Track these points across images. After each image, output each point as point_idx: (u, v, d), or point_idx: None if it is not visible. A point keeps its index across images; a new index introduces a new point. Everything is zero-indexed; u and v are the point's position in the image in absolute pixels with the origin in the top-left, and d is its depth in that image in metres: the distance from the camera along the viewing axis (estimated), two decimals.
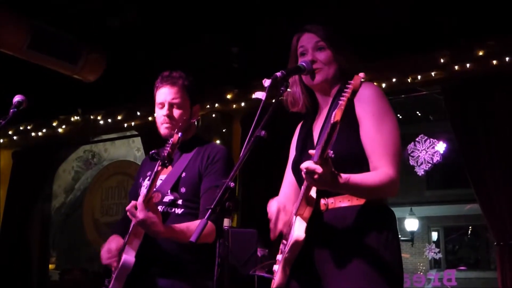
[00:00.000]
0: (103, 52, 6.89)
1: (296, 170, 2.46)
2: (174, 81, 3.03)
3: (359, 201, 2.28)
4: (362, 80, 1.90)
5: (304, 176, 2.06)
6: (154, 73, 3.19)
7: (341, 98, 1.89)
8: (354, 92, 1.88)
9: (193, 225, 2.73)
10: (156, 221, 2.63)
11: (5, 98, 3.55)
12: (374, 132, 2.28)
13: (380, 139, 2.26)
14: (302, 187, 2.23)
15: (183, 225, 2.75)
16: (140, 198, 2.63)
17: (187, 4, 5.92)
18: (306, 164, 2.01)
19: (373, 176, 2.20)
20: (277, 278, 2.37)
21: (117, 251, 2.86)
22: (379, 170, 2.22)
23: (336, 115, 1.87)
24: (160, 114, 3.03)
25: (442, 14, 5.49)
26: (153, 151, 2.58)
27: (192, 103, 3.07)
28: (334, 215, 2.30)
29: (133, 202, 2.66)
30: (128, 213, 2.66)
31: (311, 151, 2.04)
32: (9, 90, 3.85)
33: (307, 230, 2.22)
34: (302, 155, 2.46)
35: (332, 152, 1.97)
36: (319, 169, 1.98)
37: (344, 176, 2.08)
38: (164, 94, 3.02)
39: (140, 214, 2.60)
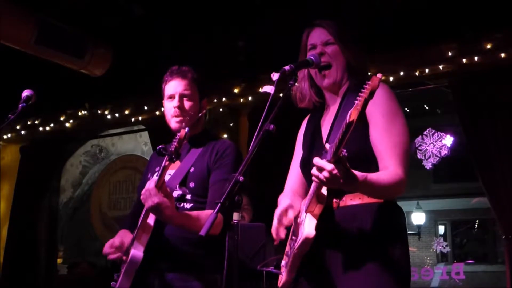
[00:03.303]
0: (110, 47, 6.91)
1: (305, 168, 2.45)
2: (184, 74, 3.04)
3: (370, 199, 2.28)
4: (380, 80, 1.89)
5: (314, 174, 2.05)
6: (161, 67, 3.19)
7: (358, 98, 1.88)
8: (372, 93, 1.87)
9: (203, 214, 2.74)
10: (170, 206, 2.63)
11: (13, 93, 3.56)
12: (384, 133, 2.28)
13: (390, 140, 2.27)
14: (313, 184, 2.23)
15: (194, 213, 2.76)
16: (152, 183, 2.63)
17: None
18: (319, 164, 2.00)
19: (386, 175, 2.20)
20: (285, 274, 2.36)
21: (121, 246, 2.86)
22: (390, 170, 2.22)
23: (352, 115, 1.87)
24: (170, 106, 3.02)
25: (450, 7, 5.47)
26: (160, 146, 2.57)
27: (201, 96, 3.08)
28: (345, 213, 2.30)
29: (146, 187, 2.64)
30: (142, 196, 2.65)
31: (327, 145, 2.04)
32: (16, 85, 3.86)
33: (318, 227, 2.22)
34: (310, 153, 2.46)
35: (345, 150, 1.97)
36: (334, 169, 1.98)
37: (360, 174, 2.07)
38: (175, 86, 3.02)
39: (155, 198, 2.59)
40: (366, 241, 2.25)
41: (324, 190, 2.24)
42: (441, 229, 16.81)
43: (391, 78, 5.81)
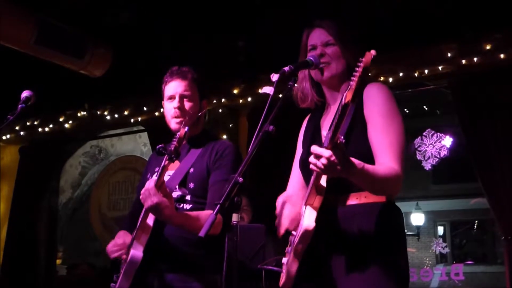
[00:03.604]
0: (110, 47, 6.90)
1: (304, 168, 2.45)
2: (184, 74, 3.04)
3: (367, 199, 2.29)
4: (374, 56, 1.88)
5: (311, 162, 2.04)
6: (160, 68, 3.19)
7: (352, 78, 1.87)
8: (366, 70, 1.86)
9: (203, 214, 2.74)
10: (169, 206, 2.63)
11: (13, 93, 3.56)
12: (382, 132, 2.29)
13: (388, 141, 2.28)
14: (312, 175, 2.22)
15: (193, 213, 2.76)
16: (152, 183, 2.62)
17: None
18: (317, 151, 1.99)
19: (382, 168, 2.21)
20: (285, 272, 2.34)
21: (124, 245, 2.86)
22: (386, 165, 2.23)
23: (347, 96, 1.86)
24: (170, 107, 3.02)
25: (450, 7, 5.48)
26: (160, 145, 2.57)
27: (201, 97, 3.08)
28: (345, 211, 2.30)
29: (145, 187, 2.64)
30: (141, 196, 2.65)
31: (324, 133, 2.03)
32: (16, 85, 3.85)
33: (318, 225, 2.21)
34: (309, 153, 2.45)
35: (342, 137, 1.96)
36: (332, 156, 1.96)
37: (358, 162, 2.07)
38: (175, 87, 3.02)
39: (155, 198, 2.59)
40: (365, 242, 2.24)
41: (323, 181, 2.22)
42: (441, 229, 16.81)
43: (390, 79, 5.80)
